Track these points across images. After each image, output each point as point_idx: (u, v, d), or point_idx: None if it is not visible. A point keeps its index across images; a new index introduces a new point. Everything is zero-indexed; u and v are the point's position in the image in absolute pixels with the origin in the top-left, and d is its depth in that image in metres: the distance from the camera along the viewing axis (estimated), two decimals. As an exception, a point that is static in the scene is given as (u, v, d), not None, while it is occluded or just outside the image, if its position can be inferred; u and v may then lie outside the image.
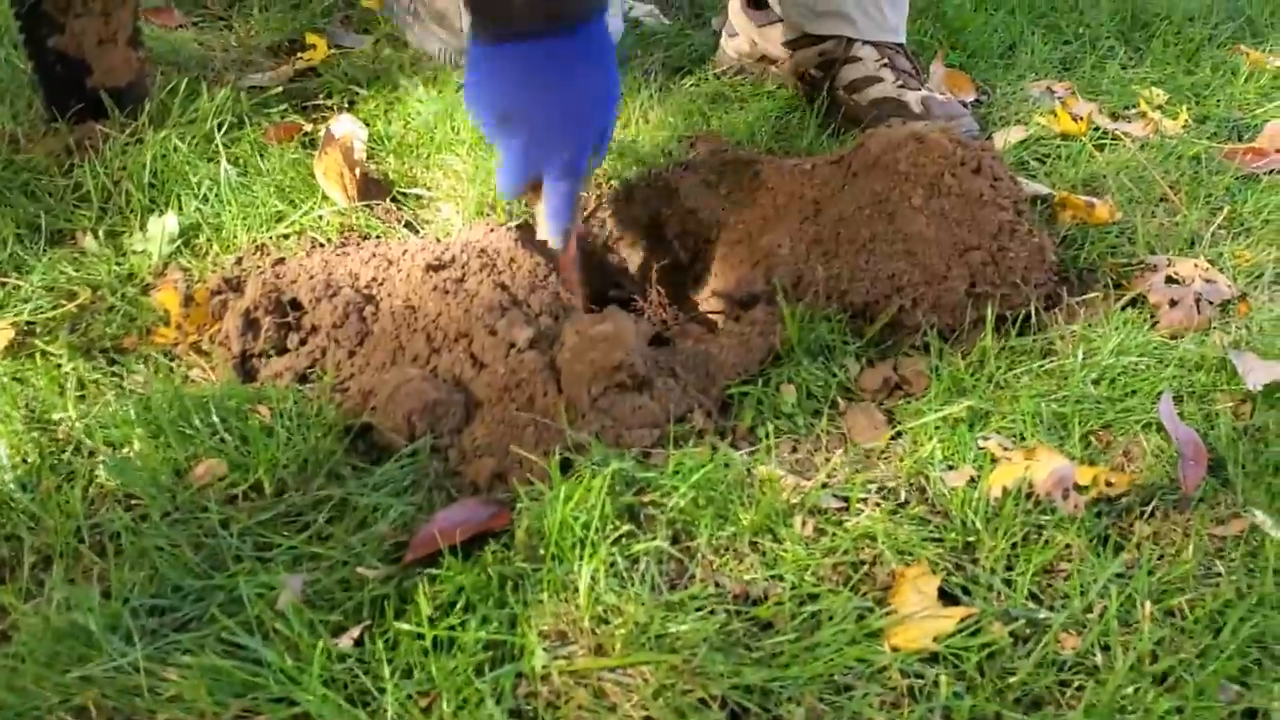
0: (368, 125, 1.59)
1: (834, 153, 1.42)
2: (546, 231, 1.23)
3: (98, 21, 1.47)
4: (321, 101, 1.66)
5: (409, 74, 1.74)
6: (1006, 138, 1.65)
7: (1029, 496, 0.96)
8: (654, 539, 0.91)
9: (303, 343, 1.16)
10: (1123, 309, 1.29)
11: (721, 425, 1.12)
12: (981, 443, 1.03)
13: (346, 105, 1.65)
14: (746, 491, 1.00)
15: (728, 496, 0.97)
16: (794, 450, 1.10)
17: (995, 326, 1.20)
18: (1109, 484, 0.94)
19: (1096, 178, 1.56)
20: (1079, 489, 0.95)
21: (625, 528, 0.90)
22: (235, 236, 1.34)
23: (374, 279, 1.21)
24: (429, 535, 0.91)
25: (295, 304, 1.18)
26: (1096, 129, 1.67)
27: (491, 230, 1.27)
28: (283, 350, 1.16)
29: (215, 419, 1.02)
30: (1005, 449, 1.01)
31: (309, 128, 1.56)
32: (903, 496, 1.01)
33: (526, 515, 0.93)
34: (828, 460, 1.08)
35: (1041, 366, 1.18)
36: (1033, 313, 1.26)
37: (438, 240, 1.28)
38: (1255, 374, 1.12)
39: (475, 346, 1.11)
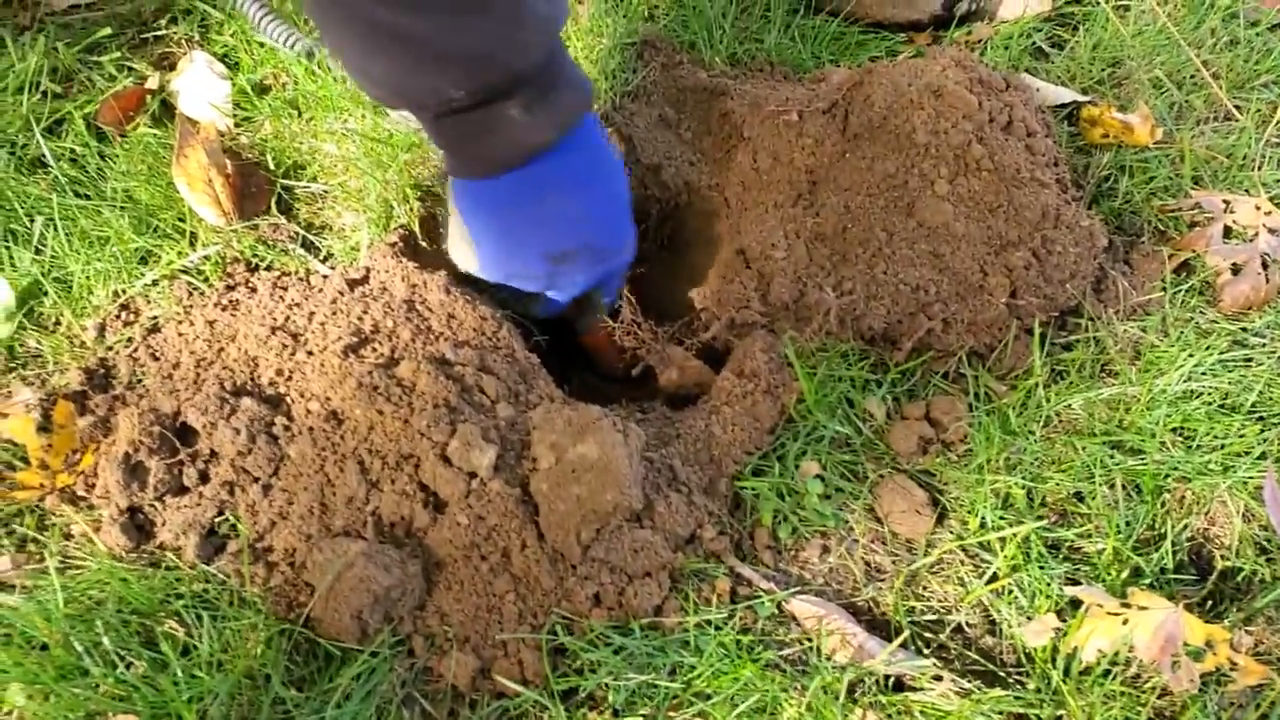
0: (227, 66, 1.25)
1: (820, 89, 1.15)
2: (586, 325, 1.12)
3: None
4: (163, 29, 1.30)
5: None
6: (1023, 7, 1.36)
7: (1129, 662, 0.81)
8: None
9: (203, 478, 0.92)
10: (1175, 273, 1.10)
11: (737, 532, 0.93)
12: (1070, 589, 0.85)
13: (197, 33, 1.29)
14: (782, 655, 0.83)
15: (770, 690, 0.80)
16: (824, 553, 0.92)
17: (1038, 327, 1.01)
18: (1233, 666, 0.78)
19: (1121, 63, 1.30)
20: (1190, 652, 0.79)
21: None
22: (90, 292, 1.05)
23: (279, 371, 0.95)
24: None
25: (185, 429, 0.92)
26: (1114, -16, 1.39)
27: (416, 270, 1.01)
28: (180, 489, 0.92)
29: (109, 645, 0.80)
30: (1095, 591, 0.84)
31: (153, 82, 1.22)
32: (972, 652, 0.85)
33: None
34: (869, 575, 0.90)
35: (1098, 395, 0.99)
36: (1080, 303, 1.06)
37: (349, 285, 1.01)
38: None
39: (425, 474, 0.88)
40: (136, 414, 0.91)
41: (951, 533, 0.92)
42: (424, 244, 1.08)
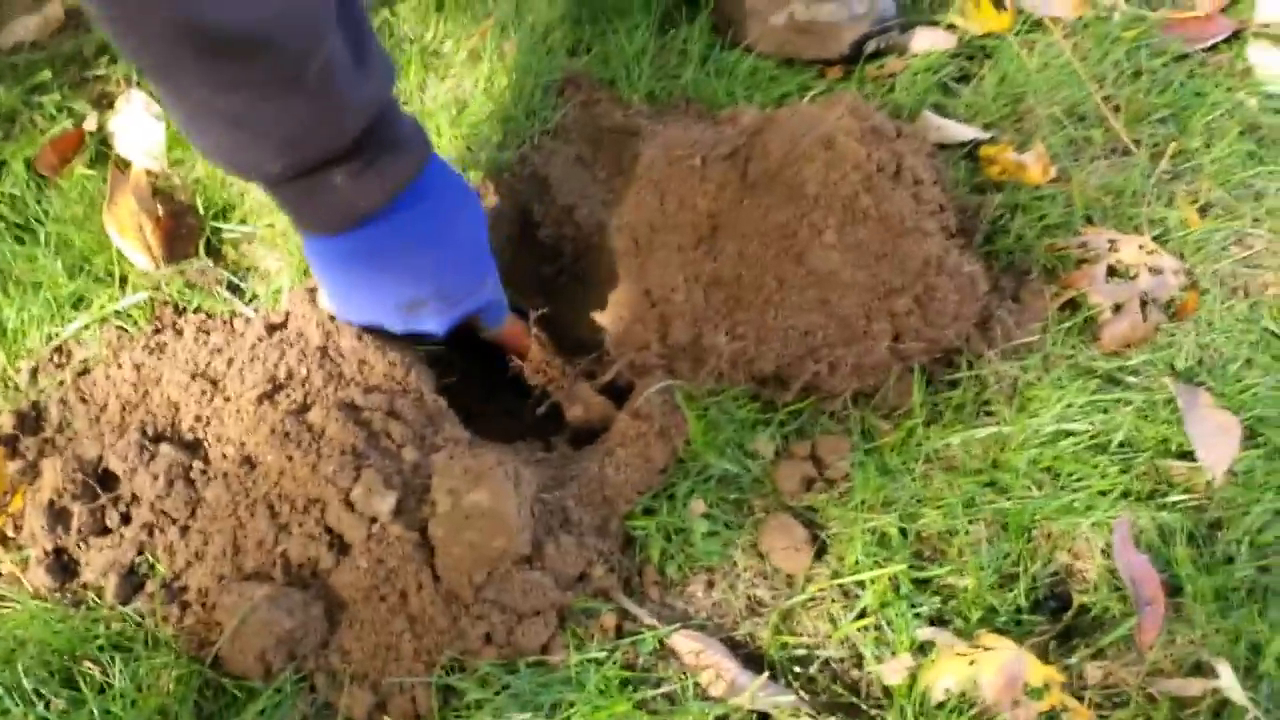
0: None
1: (727, 132, 1.20)
2: (491, 332, 1.13)
3: None
4: (102, 69, 1.34)
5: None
6: (931, 43, 1.41)
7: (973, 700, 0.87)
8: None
9: (124, 519, 0.98)
10: (1062, 310, 1.15)
11: (627, 569, 0.99)
12: (921, 631, 0.91)
13: (135, 73, 1.34)
14: (659, 691, 0.89)
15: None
16: (709, 588, 0.99)
17: (920, 369, 1.07)
18: (1065, 708, 0.84)
19: (1023, 99, 1.35)
20: (1030, 693, 0.85)
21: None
22: (24, 334, 1.10)
23: (198, 417, 1.01)
24: None
25: (107, 475, 0.98)
26: (1023, 18, 1.43)
27: (331, 316, 1.06)
28: (103, 529, 0.98)
29: (29, 685, 0.86)
30: (945, 634, 0.90)
31: (91, 123, 1.27)
32: (838, 686, 0.91)
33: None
34: (750, 609, 0.97)
35: (974, 435, 1.05)
36: (963, 344, 1.11)
37: (268, 330, 1.06)
38: (1209, 450, 1.01)
39: (330, 518, 0.94)
40: (61, 461, 0.96)
41: (828, 568, 0.99)
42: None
